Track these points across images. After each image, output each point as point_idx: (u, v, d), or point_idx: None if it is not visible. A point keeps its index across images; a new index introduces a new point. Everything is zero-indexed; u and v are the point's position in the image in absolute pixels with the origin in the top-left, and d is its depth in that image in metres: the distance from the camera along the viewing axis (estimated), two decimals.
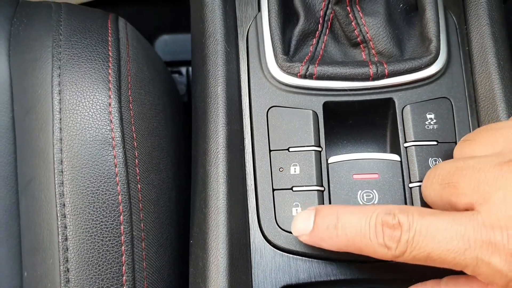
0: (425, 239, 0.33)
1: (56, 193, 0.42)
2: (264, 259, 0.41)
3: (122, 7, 0.79)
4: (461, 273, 0.35)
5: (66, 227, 0.41)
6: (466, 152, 0.37)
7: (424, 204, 0.40)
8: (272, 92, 0.43)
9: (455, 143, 0.42)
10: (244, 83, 0.44)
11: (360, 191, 0.41)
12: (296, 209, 0.41)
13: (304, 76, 0.42)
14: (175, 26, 0.80)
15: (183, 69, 0.81)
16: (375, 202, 0.41)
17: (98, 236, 0.41)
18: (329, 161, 0.42)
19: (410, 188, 0.41)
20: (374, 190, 0.41)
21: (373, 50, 0.45)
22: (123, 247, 0.42)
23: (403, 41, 0.45)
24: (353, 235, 0.35)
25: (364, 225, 0.34)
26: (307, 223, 0.37)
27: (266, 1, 0.45)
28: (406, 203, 0.41)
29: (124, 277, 0.42)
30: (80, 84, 0.43)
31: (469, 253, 0.32)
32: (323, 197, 0.41)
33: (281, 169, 0.42)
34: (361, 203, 0.41)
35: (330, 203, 0.41)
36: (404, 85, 0.43)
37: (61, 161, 0.42)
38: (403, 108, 0.43)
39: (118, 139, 0.43)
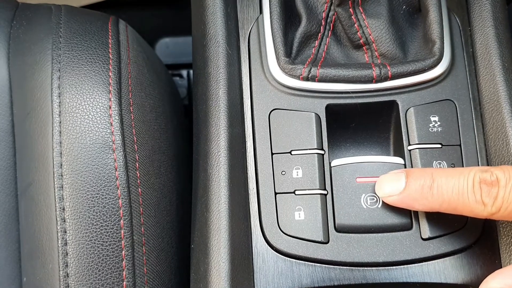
0: None
1: (56, 197, 0.41)
2: (266, 264, 0.40)
3: (122, 10, 0.79)
4: None
5: (65, 232, 0.41)
6: None
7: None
8: (274, 95, 0.43)
9: (460, 145, 0.42)
10: (246, 86, 0.44)
11: (363, 195, 0.40)
12: (299, 213, 0.40)
13: (307, 79, 0.42)
14: (176, 29, 0.80)
15: (184, 72, 0.80)
16: (379, 206, 0.40)
17: (98, 241, 0.41)
18: (332, 164, 0.41)
19: None
20: None
21: (376, 52, 0.44)
22: (123, 252, 0.41)
23: (406, 43, 0.44)
24: (449, 195, 0.36)
25: (462, 184, 0.35)
26: (398, 183, 0.38)
27: (267, 3, 0.44)
28: (411, 211, 0.40)
29: (124, 282, 0.41)
30: (80, 87, 0.43)
31: None
32: (326, 200, 0.41)
33: (283, 173, 0.41)
34: (364, 207, 0.40)
35: (333, 206, 0.41)
36: (407, 87, 0.42)
37: (61, 165, 0.41)
38: (407, 110, 0.42)
39: (118, 142, 0.42)
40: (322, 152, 0.42)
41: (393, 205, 0.39)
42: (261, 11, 0.45)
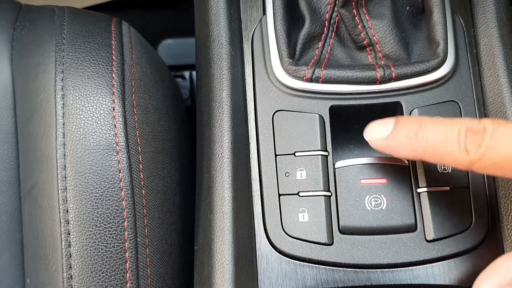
0: (507, 140, 0.33)
1: (59, 198, 0.41)
2: (270, 266, 0.40)
3: (125, 11, 0.79)
4: None
5: (69, 233, 0.41)
6: None
7: (433, 209, 0.40)
8: (278, 96, 0.43)
9: None
10: (249, 87, 0.44)
11: (368, 196, 0.40)
12: (303, 215, 0.40)
13: (310, 80, 0.42)
14: (178, 30, 0.80)
15: (186, 73, 0.80)
16: (383, 208, 0.40)
17: (102, 243, 0.41)
18: (336, 166, 0.41)
19: (419, 193, 0.40)
20: (382, 195, 0.40)
21: (379, 53, 0.44)
22: (127, 253, 0.41)
23: (410, 44, 0.44)
24: (434, 141, 0.35)
25: (448, 132, 0.35)
26: (386, 127, 0.37)
27: (271, 4, 0.44)
28: (415, 208, 0.40)
29: (128, 284, 0.41)
30: (84, 89, 0.43)
31: None
32: (330, 202, 0.40)
33: (287, 174, 0.41)
34: (368, 208, 0.40)
35: (337, 208, 0.40)
36: (411, 89, 0.42)
37: (65, 167, 0.41)
38: (411, 112, 0.42)
39: (122, 144, 0.42)
40: (326, 153, 0.41)
41: (379, 150, 0.38)
42: (264, 13, 0.45)
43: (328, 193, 0.41)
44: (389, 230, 0.40)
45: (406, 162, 0.41)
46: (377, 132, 0.38)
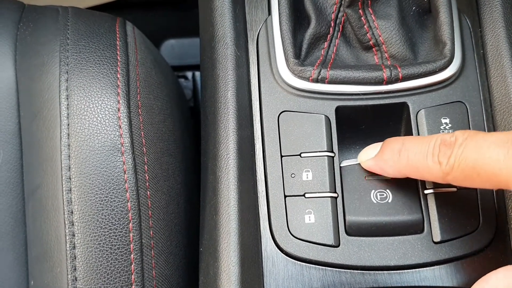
0: (472, 150, 0.34)
1: (64, 200, 0.41)
2: (276, 268, 0.40)
3: (127, 11, 0.79)
4: None
5: (74, 235, 0.40)
6: None
7: (440, 210, 0.39)
8: (283, 97, 0.43)
9: None
10: (255, 88, 0.43)
11: (373, 191, 0.40)
12: (309, 216, 0.40)
13: (316, 80, 0.42)
14: (181, 30, 0.80)
15: (189, 74, 0.80)
16: (389, 201, 0.40)
17: (107, 244, 0.41)
18: (341, 165, 0.41)
19: (426, 194, 0.40)
20: (388, 190, 0.40)
21: (386, 54, 0.44)
22: (132, 255, 0.41)
23: (416, 44, 0.44)
24: (412, 157, 0.37)
25: (425, 146, 0.36)
26: (374, 149, 0.40)
27: (276, 5, 0.44)
28: (421, 208, 0.40)
29: (133, 286, 0.41)
30: (88, 89, 0.43)
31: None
32: (337, 203, 0.40)
33: (293, 175, 0.41)
34: (374, 201, 0.40)
35: (343, 209, 0.40)
36: (418, 89, 0.42)
37: (69, 168, 0.41)
38: (418, 112, 0.42)
39: (127, 145, 0.42)
40: (332, 154, 0.41)
41: (370, 170, 0.41)
42: (269, 13, 0.45)
43: (334, 194, 0.40)
44: (395, 224, 0.39)
45: None
46: (367, 154, 0.40)
